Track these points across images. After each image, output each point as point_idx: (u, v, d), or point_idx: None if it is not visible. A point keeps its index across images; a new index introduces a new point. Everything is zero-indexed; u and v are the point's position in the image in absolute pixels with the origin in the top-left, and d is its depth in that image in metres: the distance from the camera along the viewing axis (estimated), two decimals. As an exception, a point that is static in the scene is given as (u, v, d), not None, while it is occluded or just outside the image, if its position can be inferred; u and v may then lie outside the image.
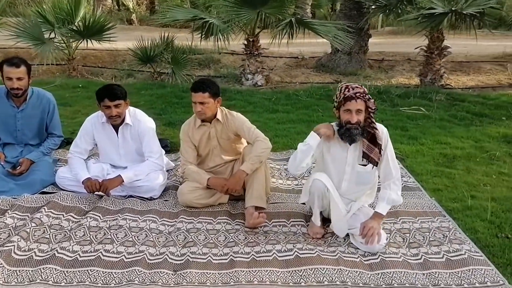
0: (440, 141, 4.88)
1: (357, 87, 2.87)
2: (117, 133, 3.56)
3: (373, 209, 3.02)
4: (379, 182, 3.10)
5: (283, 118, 5.70)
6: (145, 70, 8.08)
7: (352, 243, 2.98)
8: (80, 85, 7.16)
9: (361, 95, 2.83)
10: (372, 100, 2.89)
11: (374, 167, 2.95)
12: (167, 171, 4.02)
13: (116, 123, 3.47)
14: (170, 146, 4.67)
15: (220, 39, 6.93)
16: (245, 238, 3.03)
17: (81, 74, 8.08)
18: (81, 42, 7.86)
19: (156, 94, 6.74)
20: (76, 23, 7.73)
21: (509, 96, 6.77)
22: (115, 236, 2.99)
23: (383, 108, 6.11)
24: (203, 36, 7.04)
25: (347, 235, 3.05)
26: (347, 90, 2.86)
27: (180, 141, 3.56)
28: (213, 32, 6.76)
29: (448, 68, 8.01)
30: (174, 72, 7.49)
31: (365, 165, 2.97)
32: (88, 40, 7.76)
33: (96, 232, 3.02)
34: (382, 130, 2.96)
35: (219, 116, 3.44)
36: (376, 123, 2.95)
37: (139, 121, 3.56)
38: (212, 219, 3.25)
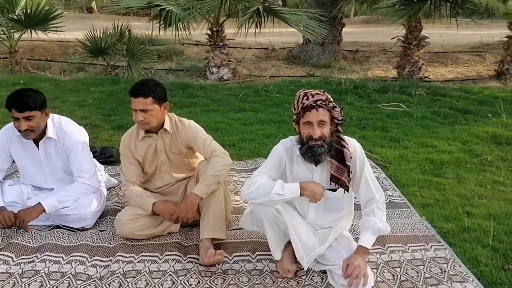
0: (425, 144, 4.36)
1: (317, 93, 2.27)
2: (38, 148, 2.85)
3: (353, 235, 2.45)
4: (357, 201, 2.52)
5: (251, 118, 5.08)
6: (98, 64, 7.29)
7: (331, 284, 2.40)
8: (21, 82, 6.33)
9: (323, 103, 2.23)
10: (339, 109, 2.29)
11: (347, 192, 2.37)
12: (109, 189, 3.34)
13: (29, 138, 2.76)
14: (116, 156, 3.97)
15: (180, 28, 6.23)
16: (198, 282, 2.40)
17: (26, 69, 7.21)
18: (24, 33, 6.99)
19: (108, 91, 5.99)
20: (17, 12, 6.85)
21: (491, 90, 6.35)
22: (27, 287, 2.31)
23: (360, 105, 5.56)
24: (161, 26, 6.31)
25: (325, 272, 2.47)
26: (305, 98, 2.26)
27: (120, 156, 2.89)
28: (172, 21, 6.03)
29: (425, 60, 7.54)
30: (129, 66, 6.74)
31: (334, 190, 2.39)
32: (32, 30, 6.90)
33: (3, 281, 2.34)
34: (354, 147, 2.37)
35: (167, 125, 2.78)
36: (346, 137, 2.37)
37: (65, 133, 2.85)
38: (158, 256, 2.61)
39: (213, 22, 6.70)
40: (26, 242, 2.66)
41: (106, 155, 3.92)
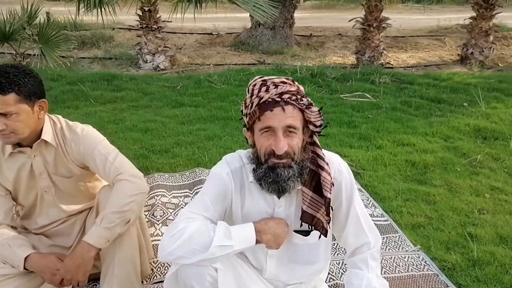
0: (402, 142, 3.61)
1: (283, 82, 1.39)
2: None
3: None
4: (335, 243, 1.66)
5: (190, 115, 4.13)
6: (6, 52, 6.04)
7: None
8: None
9: (293, 98, 1.36)
10: (316, 109, 1.40)
11: (324, 236, 1.49)
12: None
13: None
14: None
15: (105, 10, 5.17)
16: None
17: None
18: None
19: (12, 85, 4.81)
20: None
21: (460, 76, 5.74)
22: None
23: (320, 96, 4.75)
24: (82, 8, 5.22)
25: None
26: (264, 88, 1.37)
27: None
28: (94, 2, 4.96)
29: (386, 44, 6.89)
30: (43, 54, 5.55)
31: (306, 234, 1.51)
32: None
33: None
34: (337, 168, 1.49)
35: (47, 134, 1.80)
36: (326, 153, 1.48)
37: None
38: None
39: (144, 0, 5.65)
40: None
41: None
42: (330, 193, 1.41)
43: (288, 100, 1.35)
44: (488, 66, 6.47)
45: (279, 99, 1.35)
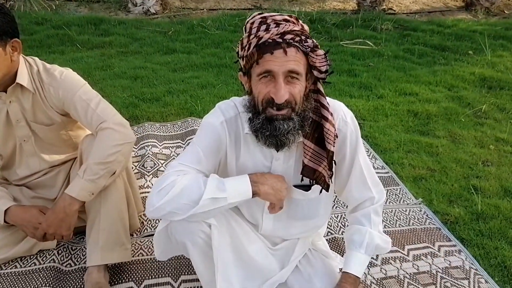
0: (404, 91, 3.45)
1: (286, 19, 1.22)
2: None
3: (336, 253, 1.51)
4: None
5: (182, 62, 3.92)
6: (-14, -6, 5.68)
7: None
8: None
9: (296, 38, 1.20)
10: (321, 52, 1.24)
11: (326, 191, 1.37)
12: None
13: None
14: None
15: None
16: None
17: None
18: None
19: (-7, 28, 4.54)
20: None
21: (466, 23, 5.49)
22: None
23: (319, 43, 4.49)
24: None
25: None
26: (263, 27, 1.21)
27: None
28: None
29: (388, -12, 6.55)
30: (26, -4, 5.24)
31: (307, 189, 1.38)
32: None
33: None
34: (342, 118, 1.35)
35: (22, 77, 1.63)
36: (331, 101, 1.34)
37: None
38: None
39: None
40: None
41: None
42: (334, 146, 1.28)
43: (291, 41, 1.19)
44: (494, 13, 6.19)
45: (280, 40, 1.18)
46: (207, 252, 1.34)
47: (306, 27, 1.26)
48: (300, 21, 1.25)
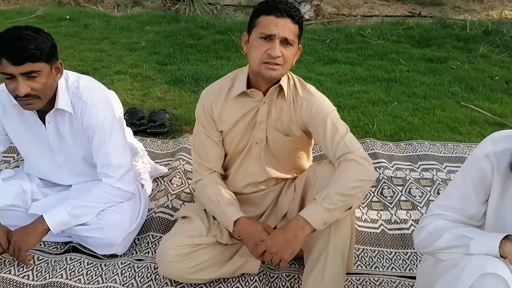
0: None
1: None
2: (44, 123, 1.81)
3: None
4: None
5: (347, 74, 3.78)
6: (155, -3, 6.15)
7: None
8: (68, 17, 5.36)
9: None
10: None
11: None
12: (155, 180, 2.30)
13: (32, 108, 1.70)
14: (170, 124, 2.91)
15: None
16: None
17: (76, 1, 6.24)
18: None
19: (165, 31, 4.86)
20: None
21: None
22: None
23: (500, 59, 4.03)
24: None
25: None
26: None
27: (196, 124, 1.79)
28: None
29: None
30: (192, 0, 5.54)
31: None
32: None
33: None
34: None
35: (282, 83, 1.64)
36: None
37: (84, 103, 1.77)
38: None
39: None
40: (24, 277, 1.70)
41: (155, 123, 2.87)
42: None
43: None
44: None
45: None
46: None
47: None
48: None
